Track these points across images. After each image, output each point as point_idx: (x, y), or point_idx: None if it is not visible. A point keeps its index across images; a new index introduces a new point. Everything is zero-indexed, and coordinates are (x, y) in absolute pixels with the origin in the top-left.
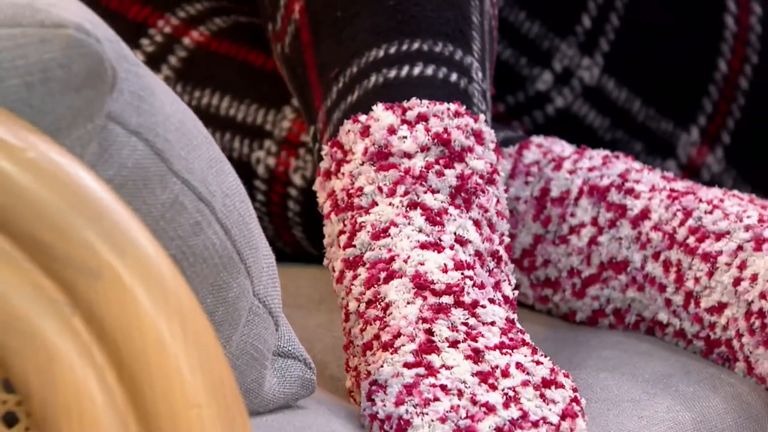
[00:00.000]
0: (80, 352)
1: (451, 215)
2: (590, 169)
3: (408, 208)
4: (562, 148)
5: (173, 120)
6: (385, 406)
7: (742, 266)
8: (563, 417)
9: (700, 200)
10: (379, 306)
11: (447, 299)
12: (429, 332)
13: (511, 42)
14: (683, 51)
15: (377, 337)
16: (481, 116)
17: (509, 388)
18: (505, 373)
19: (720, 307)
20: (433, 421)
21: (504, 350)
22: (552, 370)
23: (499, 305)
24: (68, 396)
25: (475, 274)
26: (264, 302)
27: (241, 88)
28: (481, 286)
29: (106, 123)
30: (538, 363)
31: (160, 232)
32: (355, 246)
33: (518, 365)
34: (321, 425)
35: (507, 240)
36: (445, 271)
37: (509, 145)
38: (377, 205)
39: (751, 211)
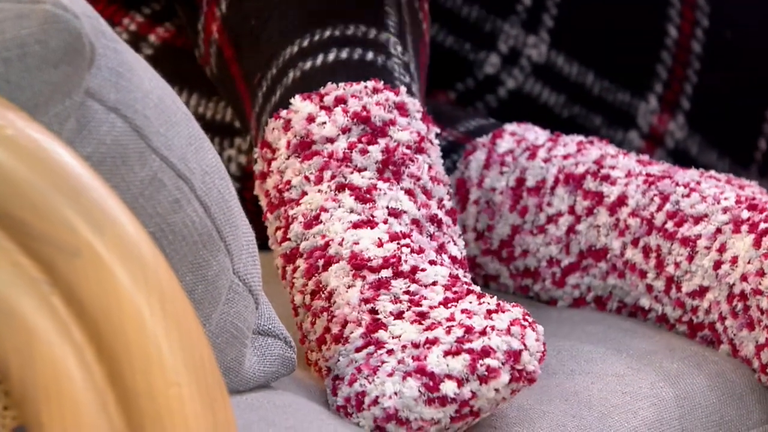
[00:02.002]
0: (59, 330)
1: (380, 190)
2: (565, 157)
3: (336, 191)
4: (536, 135)
5: (152, 96)
6: (342, 392)
7: (721, 249)
8: (512, 324)
9: (677, 184)
10: (322, 295)
11: (385, 272)
12: (373, 311)
13: (452, 29)
14: (630, 19)
15: (327, 329)
16: (402, 89)
17: (451, 321)
18: (451, 320)
19: (702, 291)
20: (383, 381)
21: (449, 304)
22: (498, 303)
23: (442, 265)
24: (47, 375)
25: (412, 240)
26: (244, 280)
27: (209, 85)
28: (420, 251)
29: (84, 99)
30: (483, 304)
31: (139, 210)
32: (290, 239)
33: (464, 311)
34: (301, 404)
35: (448, 204)
36: (380, 245)
37: (482, 135)
38: (306, 194)
39: (729, 192)
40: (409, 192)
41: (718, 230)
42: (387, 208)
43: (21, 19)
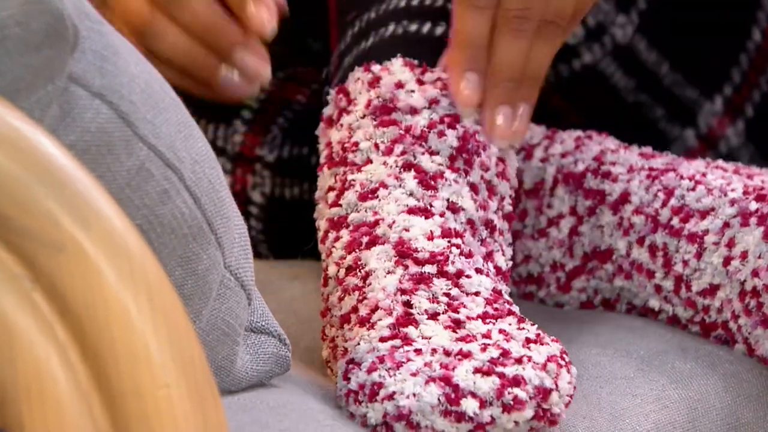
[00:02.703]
0: (41, 328)
1: (446, 180)
2: (563, 155)
3: (402, 169)
4: (531, 134)
5: (139, 81)
6: (358, 377)
7: (730, 244)
8: (549, 360)
9: (681, 177)
10: (359, 274)
11: (430, 268)
12: (407, 304)
13: None
14: (719, 16)
15: (355, 309)
16: None
17: (487, 338)
18: (486, 337)
19: (712, 290)
20: (405, 379)
21: (487, 320)
22: (538, 334)
23: (487, 275)
24: (28, 375)
25: (463, 242)
26: (236, 275)
27: (188, 105)
28: (469, 255)
29: (67, 84)
30: (522, 330)
31: (126, 201)
32: (341, 205)
33: (501, 331)
34: (296, 404)
35: (508, 207)
36: (430, 238)
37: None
38: (371, 163)
39: (736, 183)
40: (473, 187)
41: (726, 224)
42: (447, 200)
43: (1, 0)
